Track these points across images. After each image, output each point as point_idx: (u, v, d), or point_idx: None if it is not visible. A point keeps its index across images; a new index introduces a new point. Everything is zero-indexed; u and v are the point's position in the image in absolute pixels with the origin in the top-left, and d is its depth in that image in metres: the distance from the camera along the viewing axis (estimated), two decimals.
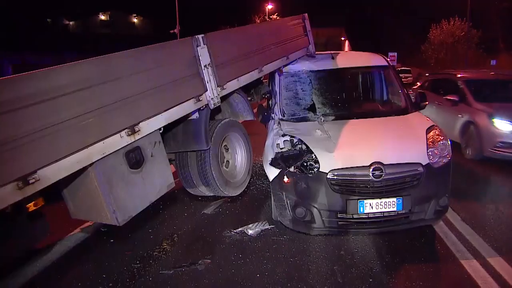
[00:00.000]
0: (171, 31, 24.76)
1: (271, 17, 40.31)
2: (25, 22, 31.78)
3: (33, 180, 2.18)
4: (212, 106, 3.90)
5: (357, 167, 3.35)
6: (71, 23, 48.86)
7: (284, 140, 3.90)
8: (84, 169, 2.60)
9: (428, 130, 3.74)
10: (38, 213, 3.08)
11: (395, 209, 3.31)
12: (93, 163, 2.61)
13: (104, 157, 2.68)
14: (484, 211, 4.34)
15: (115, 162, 2.82)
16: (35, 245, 3.53)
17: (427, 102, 4.57)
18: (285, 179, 3.52)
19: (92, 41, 33.00)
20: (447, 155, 3.57)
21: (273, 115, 4.64)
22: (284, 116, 4.53)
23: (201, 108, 3.82)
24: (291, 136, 3.90)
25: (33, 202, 2.83)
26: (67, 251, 3.77)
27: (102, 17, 50.99)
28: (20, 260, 3.48)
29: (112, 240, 3.95)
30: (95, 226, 4.25)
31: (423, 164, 3.40)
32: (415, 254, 3.43)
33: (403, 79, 5.33)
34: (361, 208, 3.30)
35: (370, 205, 3.30)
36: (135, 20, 54.28)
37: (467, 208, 4.40)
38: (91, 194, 2.81)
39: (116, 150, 2.78)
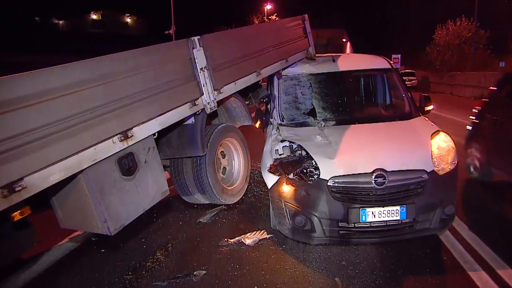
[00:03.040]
0: (166, 32, 24.71)
1: (270, 17, 40.28)
2: (12, 21, 31.57)
3: (20, 188, 2.08)
4: (208, 111, 3.83)
5: (359, 174, 3.29)
6: (60, 22, 48.74)
7: (283, 146, 3.86)
8: (74, 176, 2.50)
9: (433, 135, 3.67)
10: (24, 223, 3.03)
11: (398, 217, 3.24)
12: (83, 169, 2.51)
13: (95, 163, 2.58)
14: (493, 220, 4.23)
15: (106, 169, 2.73)
16: (21, 256, 3.46)
17: (432, 106, 4.48)
18: (284, 186, 3.46)
19: (81, 41, 32.81)
20: (453, 161, 3.50)
21: (271, 120, 4.59)
22: (283, 121, 4.48)
23: (197, 113, 3.74)
24: (290, 142, 3.85)
25: (19, 210, 2.76)
26: (55, 261, 3.69)
27: (94, 17, 51.02)
28: (6, 271, 3.39)
29: (103, 250, 3.88)
30: (85, 236, 4.17)
31: (428, 171, 3.33)
32: (420, 265, 3.35)
33: (407, 82, 5.25)
34: (363, 216, 3.24)
35: (373, 213, 3.24)
36: (128, 20, 54.30)
37: (474, 216, 4.30)
38: (81, 202, 2.70)
39: (108, 156, 2.69)
